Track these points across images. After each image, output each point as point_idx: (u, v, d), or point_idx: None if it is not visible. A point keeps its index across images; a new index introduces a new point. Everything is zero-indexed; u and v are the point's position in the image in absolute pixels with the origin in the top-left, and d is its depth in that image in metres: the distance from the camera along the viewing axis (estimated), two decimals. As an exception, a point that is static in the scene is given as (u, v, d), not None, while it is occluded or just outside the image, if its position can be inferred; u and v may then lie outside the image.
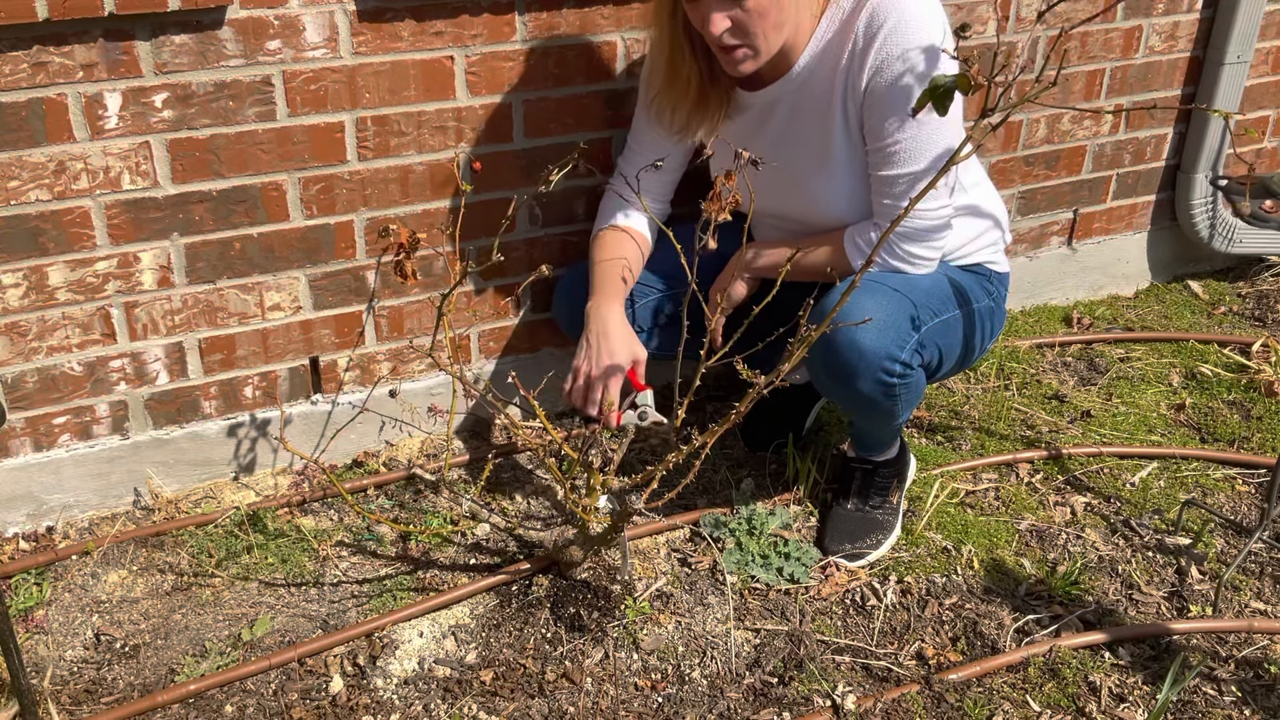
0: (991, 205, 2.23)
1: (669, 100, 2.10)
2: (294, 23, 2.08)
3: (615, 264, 2.22)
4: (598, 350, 2.12)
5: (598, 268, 2.23)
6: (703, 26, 1.91)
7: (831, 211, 2.11)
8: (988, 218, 2.21)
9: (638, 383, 2.12)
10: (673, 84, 2.07)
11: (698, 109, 2.09)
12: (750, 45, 1.92)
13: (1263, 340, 2.99)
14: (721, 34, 1.89)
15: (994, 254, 2.24)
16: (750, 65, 1.96)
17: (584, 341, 2.15)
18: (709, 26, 1.89)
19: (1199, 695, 1.92)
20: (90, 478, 2.30)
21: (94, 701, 1.90)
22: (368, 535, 2.28)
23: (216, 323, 2.27)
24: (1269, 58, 3.20)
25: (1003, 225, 2.26)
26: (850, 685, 1.93)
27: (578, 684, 1.93)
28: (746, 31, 1.90)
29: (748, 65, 1.96)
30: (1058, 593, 2.14)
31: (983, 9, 2.70)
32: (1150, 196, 3.26)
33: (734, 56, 1.94)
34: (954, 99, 1.61)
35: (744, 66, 1.96)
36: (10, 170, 1.99)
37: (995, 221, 2.23)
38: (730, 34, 1.89)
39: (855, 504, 2.28)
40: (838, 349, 1.97)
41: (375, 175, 2.27)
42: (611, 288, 2.19)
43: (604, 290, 2.19)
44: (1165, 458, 2.56)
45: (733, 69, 1.97)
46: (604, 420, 2.07)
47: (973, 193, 2.18)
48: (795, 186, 2.12)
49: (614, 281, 2.20)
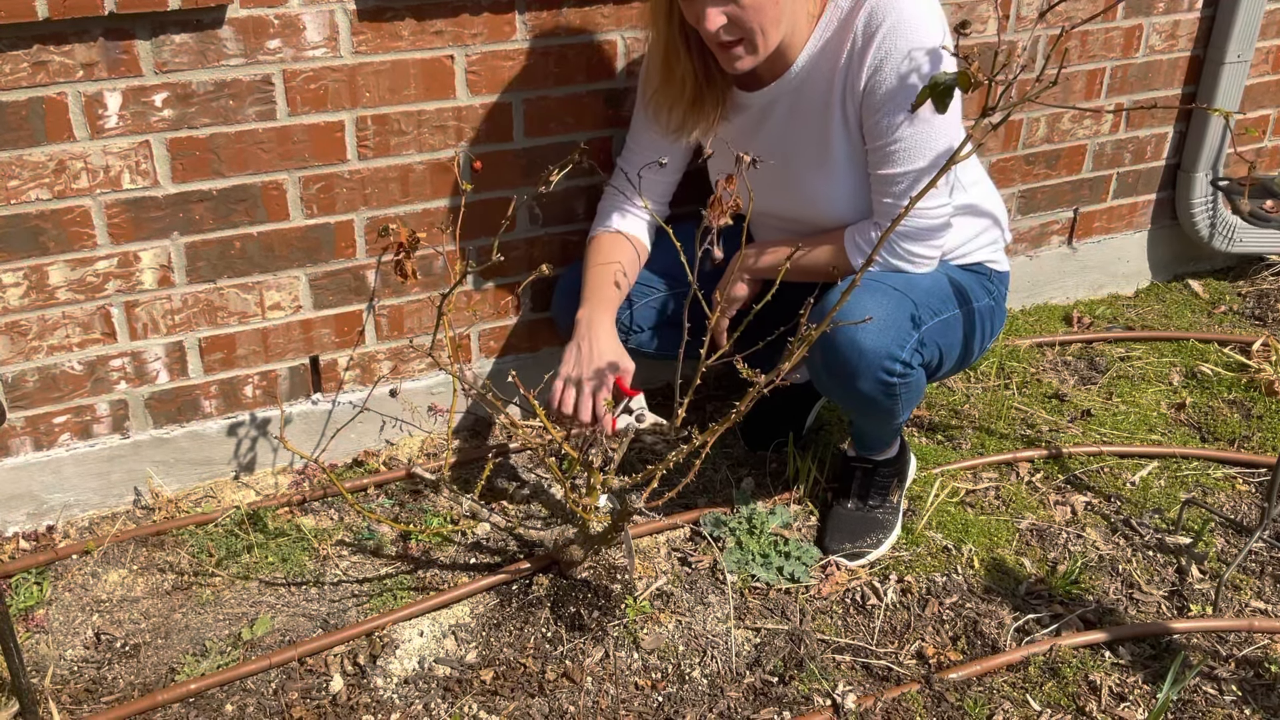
0: (991, 204, 2.23)
1: (665, 99, 2.10)
2: (294, 22, 2.08)
3: (608, 270, 2.20)
4: (588, 358, 2.08)
5: (590, 273, 2.21)
6: (698, 23, 1.91)
7: (832, 211, 2.10)
8: (987, 216, 2.21)
9: (627, 389, 2.09)
10: (669, 83, 2.07)
11: (693, 109, 2.09)
12: (748, 41, 1.91)
13: (1263, 339, 2.99)
14: (718, 30, 1.88)
15: (994, 253, 2.24)
16: (748, 62, 1.95)
17: (572, 349, 2.10)
18: (704, 23, 1.88)
19: (1199, 694, 1.92)
20: (90, 477, 2.30)
21: (94, 701, 1.90)
22: (368, 535, 2.28)
23: (217, 322, 2.27)
24: (1269, 57, 3.20)
25: (1002, 224, 2.26)
26: (850, 684, 1.93)
27: (578, 683, 1.93)
28: (743, 27, 1.89)
29: (745, 62, 1.95)
30: (1058, 592, 2.14)
31: (983, 8, 2.70)
32: (1150, 196, 3.26)
33: (731, 53, 1.93)
34: (954, 97, 1.61)
35: (741, 64, 1.95)
36: (10, 169, 1.99)
37: (995, 220, 2.23)
38: (726, 30, 1.89)
39: (855, 503, 2.28)
40: (838, 348, 1.97)
41: (375, 174, 2.27)
42: (602, 296, 2.17)
43: (594, 299, 2.16)
44: (1165, 457, 2.56)
45: (730, 66, 1.96)
46: (599, 426, 2.03)
47: (972, 191, 2.18)
48: (794, 186, 2.11)
49: (606, 289, 2.17)
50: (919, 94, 1.64)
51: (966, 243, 2.18)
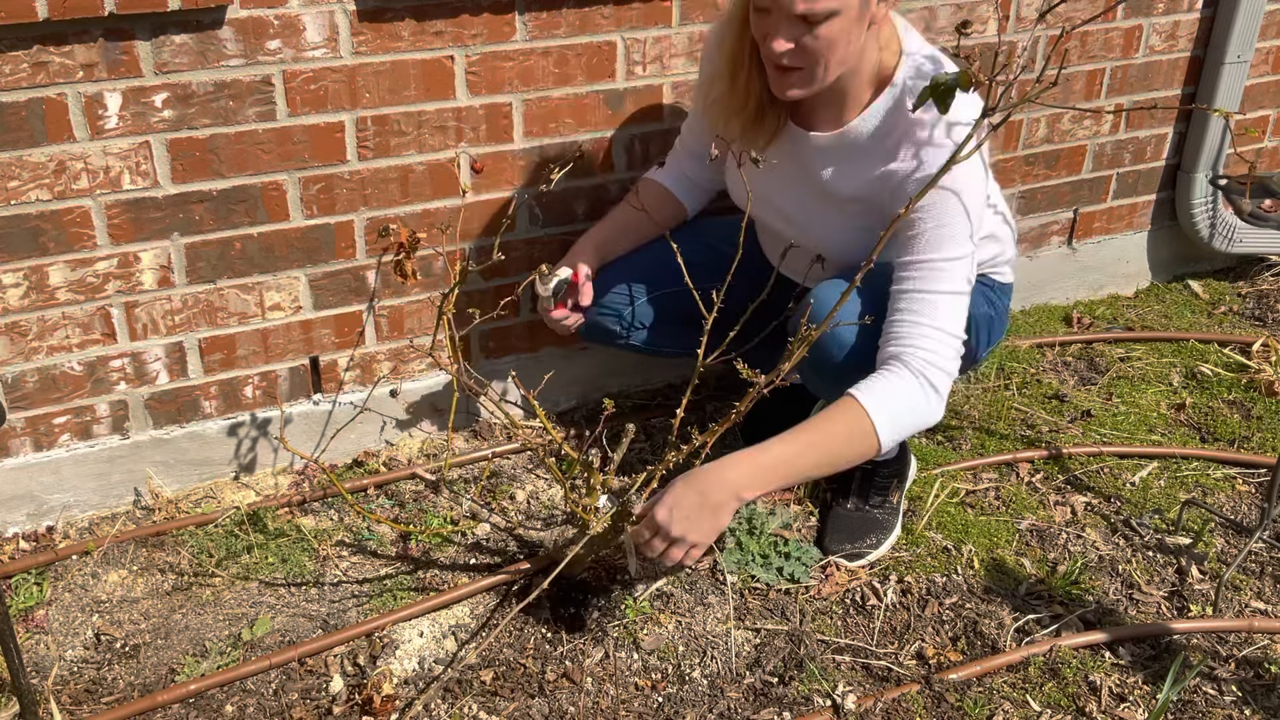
0: (1002, 232, 2.22)
1: (726, 108, 2.07)
2: (294, 22, 2.08)
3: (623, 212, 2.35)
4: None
5: (616, 212, 2.38)
6: (764, 40, 1.89)
7: (833, 246, 2.10)
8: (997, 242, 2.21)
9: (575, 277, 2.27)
10: (732, 93, 2.04)
11: (754, 123, 2.06)
12: (807, 71, 1.89)
13: (1263, 340, 2.99)
14: (782, 53, 1.86)
15: (999, 267, 2.25)
16: (799, 92, 1.93)
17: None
18: (771, 42, 1.86)
19: (1199, 695, 1.92)
20: (90, 477, 2.30)
21: (94, 701, 1.90)
22: (368, 535, 2.28)
23: (217, 322, 2.27)
24: (1269, 57, 3.20)
25: (1010, 243, 2.26)
26: (850, 685, 1.93)
27: (578, 684, 1.93)
28: (809, 57, 1.87)
29: (796, 92, 1.93)
30: (1058, 592, 2.14)
31: (983, 8, 2.70)
32: (1150, 196, 3.26)
33: (787, 78, 1.91)
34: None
35: (792, 91, 1.93)
36: (10, 170, 1.99)
37: (1003, 241, 2.23)
38: (790, 56, 1.87)
39: (855, 504, 2.28)
40: (825, 349, 1.97)
41: (375, 175, 2.27)
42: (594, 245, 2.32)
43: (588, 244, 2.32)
44: (1165, 457, 2.56)
45: (780, 89, 1.94)
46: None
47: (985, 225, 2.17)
48: (804, 221, 2.13)
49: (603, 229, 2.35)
50: (920, 93, 1.64)
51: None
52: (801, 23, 1.83)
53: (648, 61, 2.41)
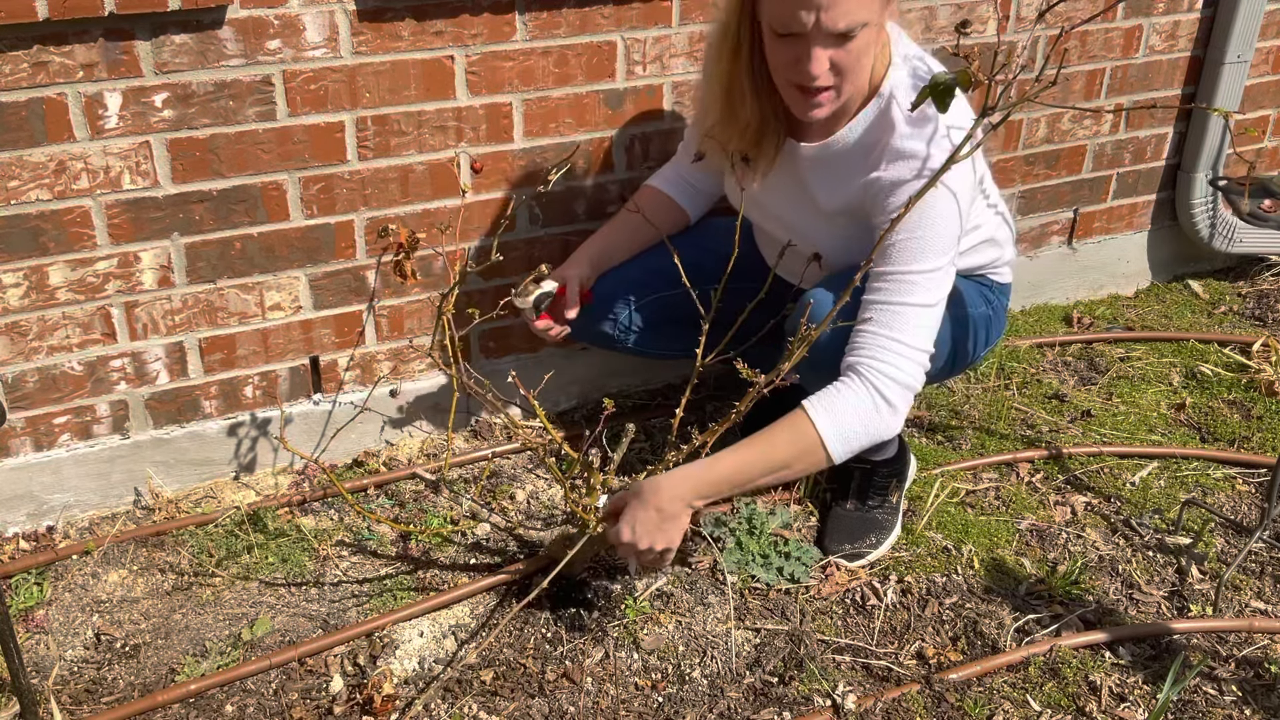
0: (1001, 234, 2.22)
1: (726, 134, 2.04)
2: (294, 22, 2.08)
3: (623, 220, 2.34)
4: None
5: (616, 220, 2.36)
6: (793, 64, 1.82)
7: (826, 252, 2.10)
8: (996, 245, 2.21)
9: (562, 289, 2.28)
10: (730, 121, 2.01)
11: (755, 147, 2.04)
12: (837, 87, 1.85)
13: (1263, 340, 2.99)
14: (820, 74, 1.81)
15: (998, 267, 2.25)
16: (826, 110, 1.89)
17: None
18: (807, 66, 1.80)
19: (1199, 695, 1.92)
20: (90, 477, 2.30)
21: (94, 701, 1.90)
22: (368, 535, 2.28)
23: (217, 322, 2.28)
24: (1269, 57, 3.20)
25: (1010, 245, 2.26)
26: (850, 685, 1.93)
27: (578, 684, 1.93)
28: (842, 72, 1.82)
29: (824, 110, 1.88)
30: (1058, 592, 2.14)
31: (983, 8, 2.70)
32: (1150, 196, 3.26)
33: (815, 100, 1.86)
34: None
35: (820, 111, 1.88)
36: (10, 170, 1.99)
37: (1002, 244, 2.23)
38: (824, 76, 1.82)
39: (854, 504, 2.28)
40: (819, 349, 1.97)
41: (375, 175, 2.27)
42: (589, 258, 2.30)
43: (584, 253, 2.31)
44: (1165, 457, 2.56)
45: (807, 111, 1.89)
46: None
47: (984, 229, 2.17)
48: (799, 228, 2.13)
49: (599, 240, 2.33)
50: (919, 93, 1.63)
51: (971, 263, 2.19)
52: (837, 40, 1.79)
53: (648, 61, 2.41)
